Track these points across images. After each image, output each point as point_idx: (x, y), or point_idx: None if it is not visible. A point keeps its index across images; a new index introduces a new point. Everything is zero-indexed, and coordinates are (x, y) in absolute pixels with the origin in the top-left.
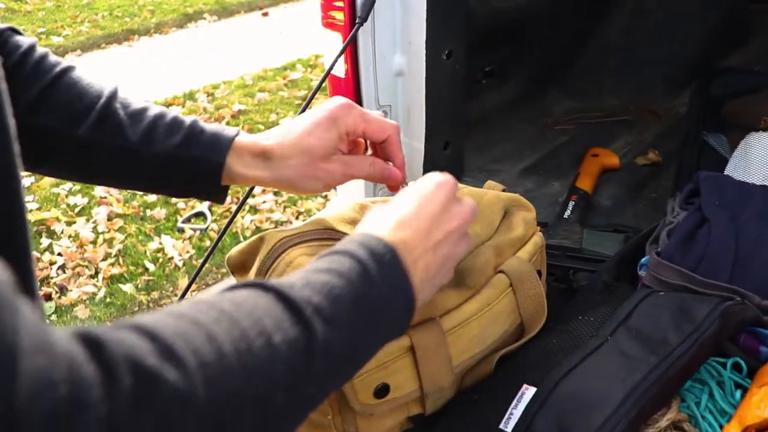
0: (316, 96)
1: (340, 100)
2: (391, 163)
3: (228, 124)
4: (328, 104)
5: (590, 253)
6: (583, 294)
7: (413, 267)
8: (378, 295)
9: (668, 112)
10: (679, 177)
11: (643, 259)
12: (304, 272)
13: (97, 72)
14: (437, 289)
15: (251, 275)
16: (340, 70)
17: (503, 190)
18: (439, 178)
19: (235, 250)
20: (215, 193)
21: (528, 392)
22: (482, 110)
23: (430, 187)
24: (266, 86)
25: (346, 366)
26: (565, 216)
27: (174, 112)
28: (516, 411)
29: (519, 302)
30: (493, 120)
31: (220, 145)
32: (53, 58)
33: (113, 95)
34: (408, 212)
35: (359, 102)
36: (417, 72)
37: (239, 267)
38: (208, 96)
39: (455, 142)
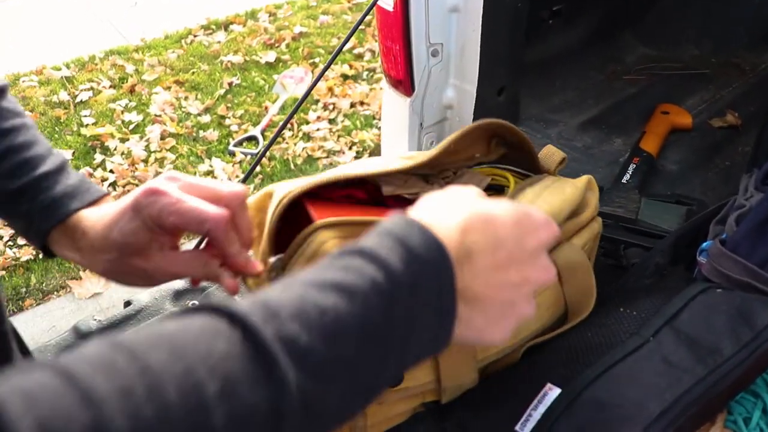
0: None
1: (149, 184)
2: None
3: (288, 46)
4: (136, 190)
5: (646, 226)
6: (631, 276)
7: (464, 295)
8: (401, 321)
9: (755, 68)
10: (759, 148)
11: (705, 243)
12: (304, 285)
13: None
14: (480, 341)
15: (264, 240)
16: (389, 2)
17: (562, 159)
18: (549, 220)
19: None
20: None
21: (551, 393)
22: (545, 53)
23: (538, 218)
24: (330, 8)
25: (331, 421)
26: (624, 180)
27: (41, 148)
28: (535, 413)
29: (565, 292)
30: (556, 65)
31: (53, 215)
32: None
33: None
34: (494, 220)
35: (407, 39)
36: (474, 8)
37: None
38: (270, 16)
39: (511, 88)
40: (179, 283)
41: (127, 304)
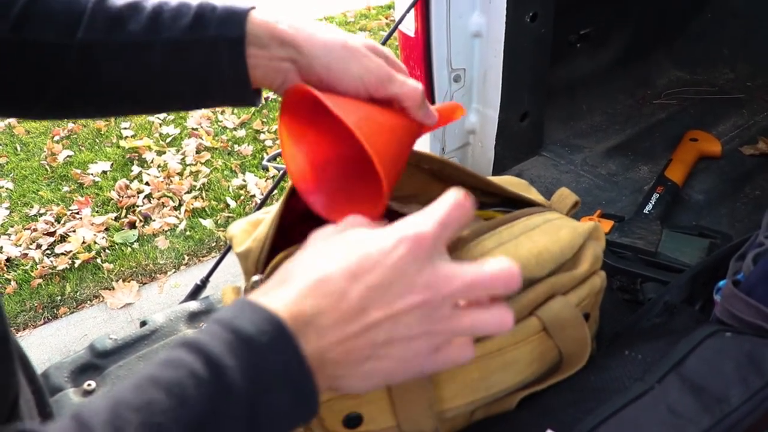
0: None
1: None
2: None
3: None
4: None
5: (666, 259)
6: (640, 315)
7: (319, 359)
8: (238, 408)
9: None
10: None
11: (721, 282)
12: (122, 387)
13: None
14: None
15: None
16: (410, 27)
17: (575, 203)
18: (407, 232)
19: (237, 229)
20: (243, 88)
21: None
22: (572, 76)
23: (387, 241)
24: (367, 25)
25: None
26: (646, 211)
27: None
28: None
29: (559, 344)
30: (584, 88)
31: (236, 18)
32: None
33: None
34: (332, 272)
35: (429, 64)
36: (496, 34)
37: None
38: None
39: (535, 113)
40: (194, 305)
41: (143, 324)
